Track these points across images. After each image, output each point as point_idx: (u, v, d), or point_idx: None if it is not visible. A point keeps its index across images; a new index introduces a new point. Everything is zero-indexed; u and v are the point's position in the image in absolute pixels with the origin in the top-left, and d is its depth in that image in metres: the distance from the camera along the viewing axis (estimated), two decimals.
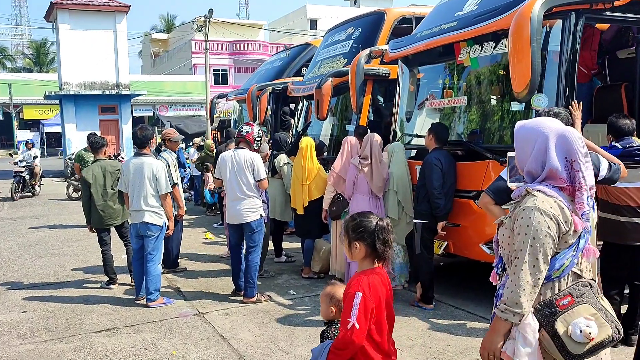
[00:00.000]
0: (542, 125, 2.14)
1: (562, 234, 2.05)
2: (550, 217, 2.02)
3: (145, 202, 5.51)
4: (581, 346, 1.99)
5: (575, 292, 2.04)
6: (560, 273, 2.07)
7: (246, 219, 5.51)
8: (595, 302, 2.06)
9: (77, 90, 22.05)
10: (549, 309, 2.03)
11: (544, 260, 2.02)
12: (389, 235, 2.46)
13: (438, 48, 5.76)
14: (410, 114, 6.58)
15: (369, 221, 2.46)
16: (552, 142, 2.08)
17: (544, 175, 2.12)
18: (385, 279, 2.49)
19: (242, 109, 13.72)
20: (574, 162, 2.07)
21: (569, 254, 2.07)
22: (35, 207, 13.37)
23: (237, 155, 5.56)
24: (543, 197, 2.06)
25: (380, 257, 2.45)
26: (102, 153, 6.43)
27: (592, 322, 1.99)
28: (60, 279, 6.67)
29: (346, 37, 9.01)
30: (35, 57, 52.42)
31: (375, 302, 2.35)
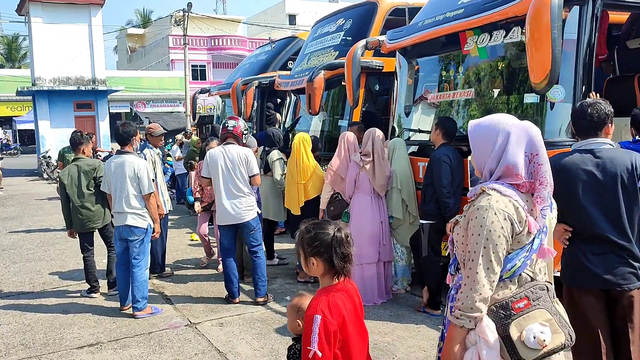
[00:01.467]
0: (501, 121, 2.07)
1: (515, 235, 1.98)
2: (504, 217, 1.96)
3: (127, 204, 5.11)
4: (533, 352, 1.92)
5: (532, 296, 1.97)
6: (511, 274, 2.01)
7: (245, 217, 5.20)
8: (551, 306, 1.99)
9: (51, 86, 21.30)
10: (504, 311, 1.96)
11: (498, 262, 1.96)
12: (349, 248, 2.16)
13: (441, 38, 5.47)
14: (409, 109, 6.26)
15: (325, 233, 2.14)
16: (513, 137, 2.02)
17: (499, 172, 2.04)
18: (350, 294, 2.22)
19: (225, 104, 13.27)
20: (535, 156, 2.02)
21: (522, 255, 2.00)
22: (8, 207, 12.74)
23: (228, 152, 5.21)
24: (498, 196, 1.99)
25: (340, 273, 2.17)
26: (80, 151, 5.96)
27: (547, 328, 1.93)
28: (36, 288, 6.20)
29: (336, 29, 8.66)
30: (7, 52, 50.86)
31: (338, 323, 2.09)
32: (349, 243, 2.16)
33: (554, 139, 4.39)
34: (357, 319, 2.22)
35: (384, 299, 5.32)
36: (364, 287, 5.23)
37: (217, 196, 5.30)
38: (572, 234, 2.94)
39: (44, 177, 20.21)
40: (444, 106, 5.62)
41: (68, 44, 21.21)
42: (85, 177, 5.73)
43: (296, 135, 6.13)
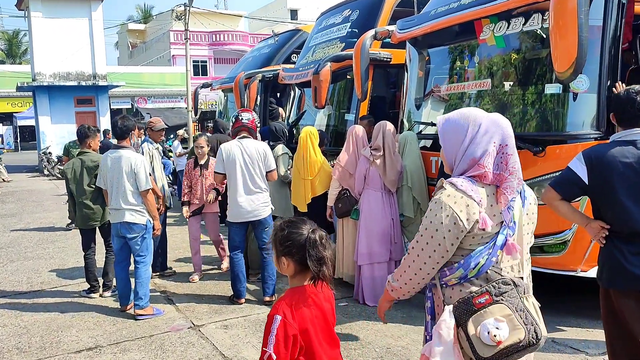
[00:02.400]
0: (472, 114, 2.05)
1: (460, 232, 1.95)
2: (449, 214, 1.94)
3: (124, 200, 4.91)
4: (489, 349, 1.87)
5: (494, 291, 1.93)
6: (476, 272, 1.97)
7: (261, 214, 5.04)
8: (517, 302, 1.92)
9: (51, 81, 21.08)
10: (465, 306, 1.94)
11: (437, 259, 1.99)
12: (324, 251, 2.05)
13: (454, 27, 5.23)
14: (420, 101, 6.03)
15: (298, 233, 2.06)
16: (483, 129, 2.00)
17: (465, 165, 2.02)
18: (320, 299, 2.11)
19: (227, 98, 13.03)
20: (505, 146, 1.99)
21: (485, 252, 1.96)
22: (7, 204, 12.54)
23: (246, 147, 5.00)
24: (451, 191, 1.98)
25: (314, 277, 2.06)
26: (87, 145, 5.73)
27: (503, 324, 1.87)
28: (34, 287, 5.99)
29: (342, 20, 8.41)
30: (8, 48, 50.63)
31: (300, 327, 2.00)
32: (323, 245, 2.05)
33: (578, 131, 4.17)
34: (326, 326, 2.11)
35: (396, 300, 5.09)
36: (375, 288, 5.02)
37: (232, 192, 5.06)
38: (609, 231, 2.72)
39: (44, 174, 20.02)
40: (458, 98, 5.39)
41: (68, 39, 20.99)
42: (88, 174, 5.53)
43: (303, 129, 5.89)
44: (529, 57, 4.61)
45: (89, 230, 5.65)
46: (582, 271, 4.11)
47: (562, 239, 4.14)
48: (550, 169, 4.19)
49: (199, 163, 6.10)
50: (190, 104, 24.53)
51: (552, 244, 4.21)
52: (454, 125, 2.06)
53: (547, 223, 4.23)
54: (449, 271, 2.02)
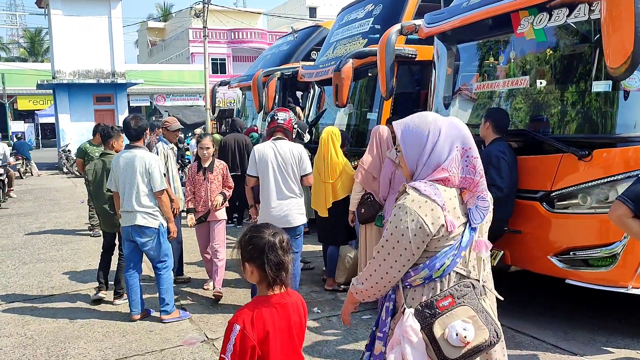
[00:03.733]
0: (431, 119, 2.05)
1: (426, 236, 1.94)
2: (414, 218, 1.94)
3: (137, 202, 4.66)
4: (456, 350, 1.89)
5: (457, 293, 1.95)
6: (441, 273, 1.98)
7: (295, 222, 4.71)
8: (477, 303, 1.96)
9: (71, 79, 21.09)
10: (429, 310, 1.94)
11: (403, 263, 1.98)
12: (284, 255, 1.99)
13: (487, 20, 4.86)
14: (448, 100, 5.67)
15: (259, 237, 2.00)
16: (443, 133, 2.00)
17: (428, 169, 2.01)
18: (287, 310, 2.02)
19: (245, 97, 12.78)
20: (469, 149, 2.00)
21: (450, 253, 1.97)
22: (25, 202, 12.45)
23: (280, 148, 4.68)
24: (415, 196, 1.97)
25: (271, 283, 2.00)
26: (110, 145, 5.49)
27: (470, 325, 1.90)
28: (44, 292, 5.77)
29: (365, 15, 8.07)
30: (30, 46, 51.22)
31: (258, 338, 1.93)
32: (284, 250, 1.99)
33: (629, 133, 3.78)
34: (290, 339, 2.03)
35: None
36: None
37: (264, 197, 4.73)
38: None
39: (63, 171, 20.02)
40: (490, 97, 5.02)
41: (88, 36, 20.97)
42: (107, 177, 5.29)
43: (324, 129, 5.57)
44: (574, 52, 4.22)
45: (110, 233, 5.48)
46: (635, 288, 3.73)
47: (611, 252, 3.76)
48: (597, 175, 3.82)
49: (202, 166, 5.48)
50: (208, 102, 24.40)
51: (599, 257, 3.83)
52: (415, 131, 2.04)
53: (593, 234, 3.87)
54: (414, 272, 2.01)
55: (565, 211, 4.02)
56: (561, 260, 4.06)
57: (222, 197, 5.46)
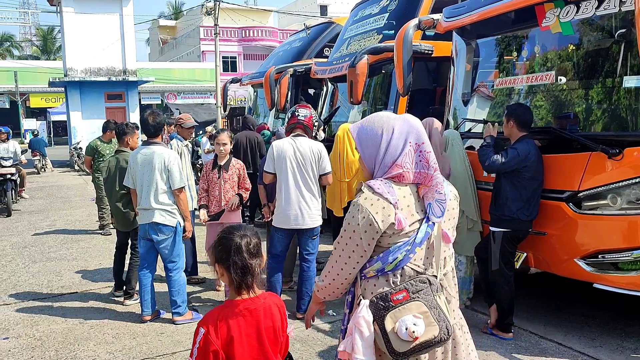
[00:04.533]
0: (384, 118, 2.09)
1: (375, 233, 2.00)
2: (365, 215, 1.99)
3: (155, 199, 4.55)
4: (405, 344, 1.91)
5: (412, 288, 1.97)
6: (393, 267, 2.01)
7: (312, 222, 4.58)
8: (431, 299, 1.96)
9: (82, 77, 21.07)
10: (383, 302, 1.96)
11: (357, 259, 2.05)
12: (250, 259, 1.95)
13: (510, 13, 4.68)
14: (467, 97, 5.50)
15: (228, 238, 1.98)
16: (397, 131, 2.04)
17: (385, 167, 2.04)
18: (256, 316, 1.97)
19: (257, 94, 12.65)
20: (422, 144, 2.03)
21: (404, 249, 2.00)
22: (36, 200, 12.42)
23: (299, 145, 4.53)
24: (368, 194, 2.02)
25: (237, 287, 1.96)
26: (125, 143, 5.42)
27: (420, 320, 1.91)
28: (54, 291, 5.69)
29: (380, 11, 7.90)
30: (42, 44, 51.53)
31: (222, 343, 1.90)
32: (250, 252, 1.95)
33: None
34: (259, 344, 1.97)
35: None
36: None
37: (281, 195, 4.59)
38: None
39: (74, 169, 20.04)
40: (513, 94, 4.84)
41: (99, 34, 20.93)
42: (120, 175, 5.20)
43: (340, 126, 5.43)
44: (603, 46, 4.04)
45: (124, 232, 5.40)
46: None
47: None
48: (628, 175, 3.65)
49: (218, 163, 5.22)
50: (219, 99, 24.29)
51: (630, 260, 3.65)
52: (369, 132, 2.08)
53: (624, 236, 3.69)
54: (368, 263, 2.05)
55: (594, 212, 3.84)
56: (589, 263, 3.89)
57: (238, 199, 5.16)
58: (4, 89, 35.72)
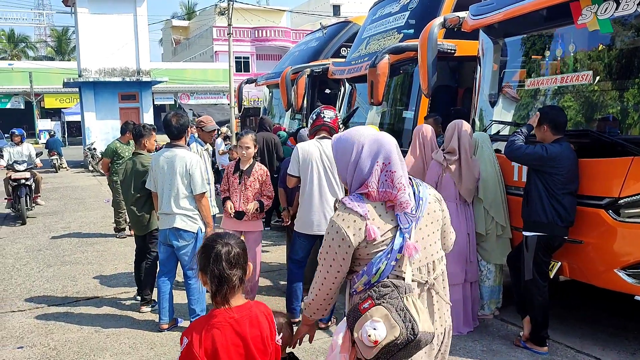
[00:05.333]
0: (358, 134, 2.13)
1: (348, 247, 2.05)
2: (337, 230, 2.06)
3: (176, 204, 4.41)
4: (369, 350, 1.91)
5: (375, 294, 1.98)
6: (378, 277, 2.04)
7: None
8: (397, 302, 1.95)
9: (97, 77, 21.09)
10: (354, 313, 2.01)
11: (335, 274, 2.12)
12: (229, 269, 1.90)
13: (543, 10, 4.47)
14: (494, 97, 5.29)
15: (210, 246, 1.94)
16: (366, 149, 2.08)
17: (356, 184, 2.12)
18: (244, 325, 1.94)
19: (272, 95, 12.50)
20: (388, 164, 2.06)
21: (384, 258, 2.03)
22: (51, 201, 12.37)
23: (326, 148, 4.34)
24: (340, 210, 2.10)
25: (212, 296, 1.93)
26: (142, 145, 5.31)
27: (380, 323, 1.90)
28: (69, 297, 5.57)
29: (400, 9, 7.70)
30: (57, 45, 51.92)
31: (205, 355, 1.87)
32: (230, 263, 1.90)
33: None
34: (247, 355, 1.93)
35: (471, 328, 4.41)
36: None
37: (305, 199, 4.41)
38: None
39: (88, 169, 20.05)
40: (546, 94, 4.63)
41: (113, 34, 20.93)
42: (135, 178, 5.09)
43: None
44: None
45: (140, 236, 5.25)
46: None
47: None
48: None
49: (240, 168, 4.91)
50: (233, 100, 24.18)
51: None
52: (342, 145, 2.14)
53: None
54: (357, 278, 2.10)
55: (636, 220, 3.63)
56: (630, 274, 3.67)
57: (257, 204, 4.78)
58: (19, 90, 35.99)
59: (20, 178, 9.75)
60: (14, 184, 9.73)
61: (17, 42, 50.06)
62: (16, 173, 9.77)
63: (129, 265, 6.52)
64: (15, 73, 35.78)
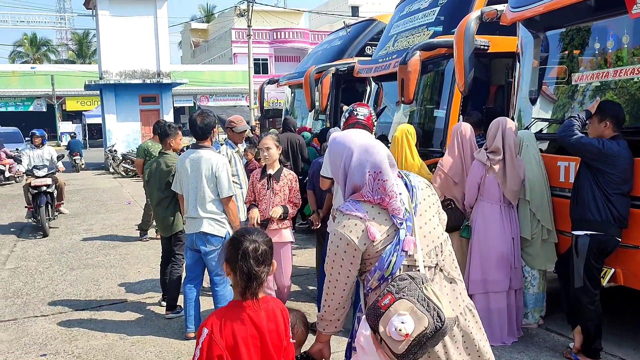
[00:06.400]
0: (349, 139, 2.16)
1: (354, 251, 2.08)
2: (341, 237, 2.09)
3: (202, 208, 4.23)
4: (400, 344, 1.90)
5: (394, 289, 1.98)
6: (391, 270, 2.04)
7: None
8: (417, 293, 1.95)
9: (117, 80, 21.15)
10: (374, 311, 2.00)
11: (345, 280, 2.13)
12: (257, 266, 1.94)
13: (590, 1, 4.21)
14: (536, 94, 5.02)
15: (239, 241, 1.98)
16: (355, 157, 2.11)
17: (349, 189, 2.16)
18: (260, 317, 1.97)
19: (294, 95, 12.31)
20: (379, 173, 2.09)
21: (393, 251, 2.04)
22: (73, 203, 12.33)
23: None
24: (339, 218, 2.13)
25: (242, 292, 1.95)
26: (167, 145, 5.14)
27: (407, 316, 1.90)
28: (92, 301, 5.44)
29: (430, 5, 7.44)
30: (78, 49, 52.53)
31: (227, 344, 1.89)
32: (257, 260, 1.94)
33: None
34: (264, 348, 1.95)
35: (515, 338, 4.14)
36: (491, 322, 4.06)
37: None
38: None
39: (109, 171, 20.09)
40: (596, 90, 4.35)
41: (134, 36, 20.99)
42: (160, 179, 4.95)
43: (398, 127, 5.02)
44: None
45: (166, 238, 5.08)
46: None
47: None
48: None
49: (267, 172, 4.48)
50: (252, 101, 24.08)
51: None
52: (335, 148, 2.18)
53: None
54: (370, 275, 2.10)
55: None
56: None
57: (281, 210, 4.36)
58: (41, 93, 36.40)
59: (40, 185, 8.83)
60: (34, 192, 8.83)
61: (40, 45, 50.73)
62: (36, 179, 8.86)
63: (152, 269, 6.38)
64: (37, 76, 36.22)
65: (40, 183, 8.82)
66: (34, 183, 8.80)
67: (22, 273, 6.57)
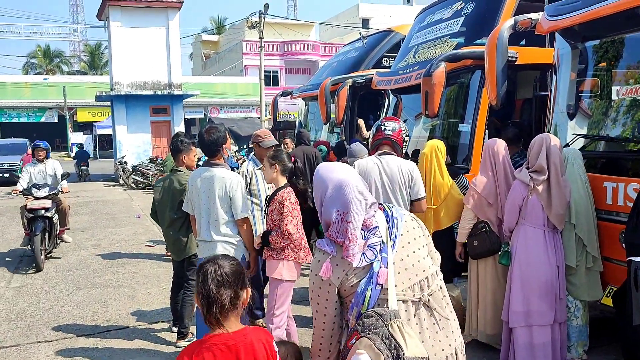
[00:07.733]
0: (327, 173, 2.15)
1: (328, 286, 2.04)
2: (315, 273, 2.06)
3: (216, 230, 3.89)
4: None
5: (360, 328, 1.95)
6: (367, 305, 1.98)
7: None
8: (382, 331, 1.90)
9: (128, 91, 21.04)
10: (344, 352, 2.02)
11: (322, 319, 2.09)
12: (217, 289, 1.82)
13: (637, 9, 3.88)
14: (574, 109, 4.69)
15: (201, 266, 1.88)
16: (328, 193, 2.10)
17: (324, 226, 2.14)
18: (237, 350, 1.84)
19: (308, 108, 12.04)
20: (345, 214, 2.05)
21: (368, 285, 1.99)
22: (81, 216, 12.09)
23: (386, 165, 3.81)
24: (317, 254, 2.11)
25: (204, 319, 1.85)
26: (180, 161, 4.67)
27: (364, 355, 1.87)
28: (99, 325, 5.12)
29: (453, 15, 7.15)
30: (90, 60, 52.83)
31: None
32: (218, 283, 1.84)
33: None
34: None
35: None
36: (533, 358, 3.70)
37: None
38: None
39: (119, 183, 19.91)
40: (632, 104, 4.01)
41: (145, 47, 20.91)
42: (172, 199, 4.55)
43: (427, 143, 4.71)
44: None
45: (178, 262, 4.74)
46: None
47: None
48: None
49: None
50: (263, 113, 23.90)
51: None
52: (315, 182, 2.17)
53: None
54: (349, 314, 2.05)
55: None
56: None
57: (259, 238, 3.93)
58: (53, 104, 36.52)
59: (37, 208, 7.37)
60: (29, 216, 7.43)
61: (52, 57, 51.07)
62: (34, 201, 7.43)
63: (162, 289, 6.07)
64: (49, 87, 36.37)
65: (37, 206, 7.38)
66: (29, 205, 7.41)
67: (27, 292, 6.29)
